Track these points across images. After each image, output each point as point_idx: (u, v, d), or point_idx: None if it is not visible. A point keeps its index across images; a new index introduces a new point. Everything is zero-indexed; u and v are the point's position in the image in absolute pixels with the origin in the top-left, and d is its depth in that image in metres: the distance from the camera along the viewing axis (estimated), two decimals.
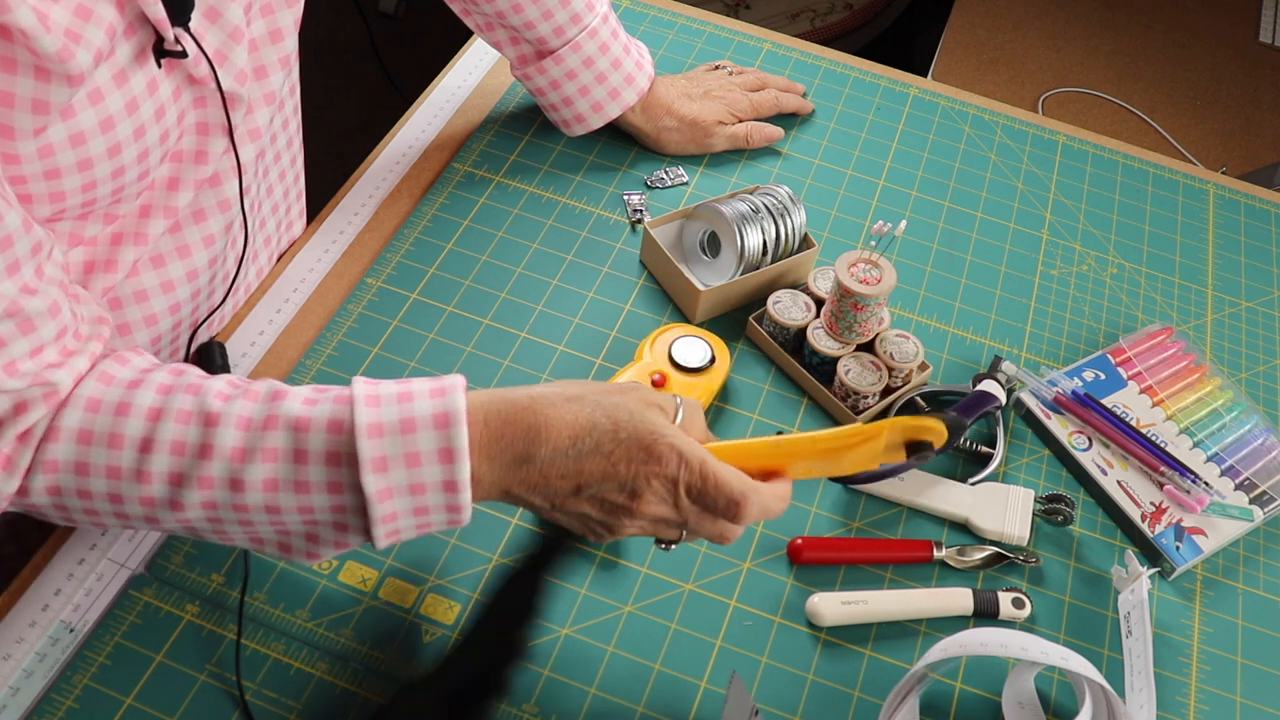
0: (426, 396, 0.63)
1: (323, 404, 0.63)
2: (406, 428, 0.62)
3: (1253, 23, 2.16)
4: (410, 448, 0.62)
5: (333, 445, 0.62)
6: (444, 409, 0.62)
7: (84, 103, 0.60)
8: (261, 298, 0.92)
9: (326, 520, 0.64)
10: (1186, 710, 0.78)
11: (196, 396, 0.64)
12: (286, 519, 0.64)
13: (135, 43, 0.62)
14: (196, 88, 0.69)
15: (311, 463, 0.62)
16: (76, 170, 0.62)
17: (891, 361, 0.89)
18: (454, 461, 0.62)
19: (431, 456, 0.62)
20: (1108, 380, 0.94)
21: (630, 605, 0.78)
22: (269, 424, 0.63)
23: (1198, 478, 0.86)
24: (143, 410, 0.63)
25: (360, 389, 0.63)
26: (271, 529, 0.65)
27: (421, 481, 0.62)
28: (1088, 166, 1.15)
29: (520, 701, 0.73)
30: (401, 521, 0.63)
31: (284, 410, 0.63)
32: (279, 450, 0.62)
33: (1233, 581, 0.85)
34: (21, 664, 0.71)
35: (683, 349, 0.88)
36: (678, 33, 1.22)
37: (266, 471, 0.62)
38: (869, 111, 1.16)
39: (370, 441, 0.61)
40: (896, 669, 0.77)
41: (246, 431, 0.63)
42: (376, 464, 0.61)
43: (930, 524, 0.85)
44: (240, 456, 0.62)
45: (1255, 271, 1.08)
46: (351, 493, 0.62)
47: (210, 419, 0.63)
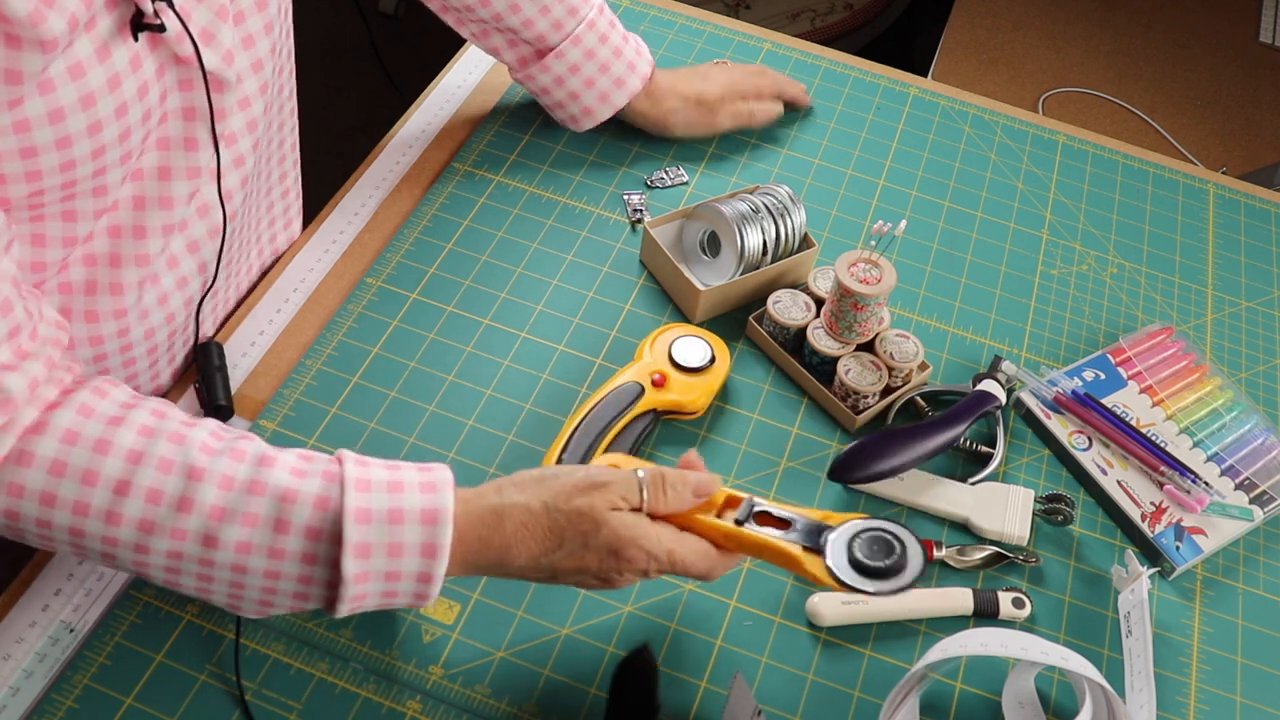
0: (416, 490, 0.65)
1: (311, 478, 0.65)
2: (394, 518, 0.64)
3: (1253, 23, 2.16)
4: (395, 538, 0.64)
5: (316, 521, 0.64)
6: (433, 505, 0.65)
7: (64, 77, 0.58)
8: (262, 298, 0.92)
9: (289, 589, 0.66)
10: (1186, 710, 0.78)
11: (180, 446, 0.64)
12: (249, 580, 0.65)
13: (117, 15, 0.61)
14: (182, 68, 0.68)
15: (291, 534, 0.64)
16: (54, 148, 0.60)
17: (891, 361, 0.89)
18: (435, 557, 0.65)
19: (414, 549, 0.64)
20: (1108, 380, 0.94)
21: (630, 605, 0.78)
22: (254, 488, 0.64)
23: (1198, 477, 0.86)
24: (123, 451, 0.63)
25: (351, 471, 0.65)
26: (228, 585, 0.65)
27: (399, 570, 0.65)
28: (1088, 166, 1.15)
29: (520, 701, 0.73)
30: (369, 601, 0.66)
31: (271, 478, 0.64)
32: (260, 516, 0.64)
33: (1233, 581, 0.85)
34: (21, 664, 0.71)
35: (683, 349, 0.88)
36: (678, 33, 1.22)
37: (243, 535, 0.63)
38: (869, 111, 1.16)
39: (357, 527, 0.63)
40: (896, 669, 0.77)
41: (229, 491, 0.64)
42: (359, 549, 0.63)
43: (930, 524, 0.85)
44: (219, 515, 0.63)
45: (1255, 271, 1.08)
46: (324, 567, 0.65)
47: (194, 473, 0.63)
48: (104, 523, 0.63)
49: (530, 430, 0.86)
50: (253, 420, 0.84)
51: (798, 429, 0.89)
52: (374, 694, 0.72)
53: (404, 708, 0.72)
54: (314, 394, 0.86)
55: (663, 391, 0.86)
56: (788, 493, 0.85)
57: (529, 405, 0.88)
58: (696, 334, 0.89)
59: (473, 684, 0.74)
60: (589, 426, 0.83)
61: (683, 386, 0.86)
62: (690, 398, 0.86)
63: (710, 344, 0.89)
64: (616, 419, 0.84)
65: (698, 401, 0.86)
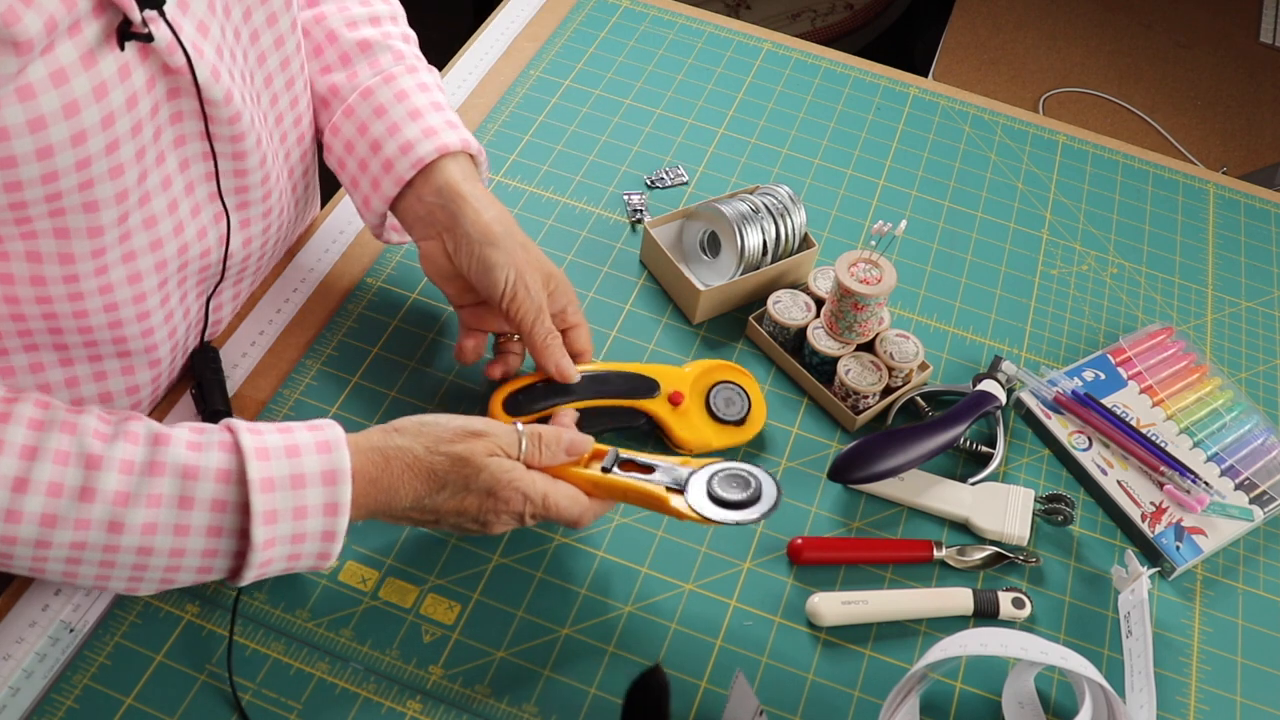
0: (313, 451, 0.67)
1: (209, 450, 0.66)
2: (297, 483, 0.66)
3: (1253, 23, 2.16)
4: (299, 501, 0.66)
5: (220, 494, 0.65)
6: (331, 466, 0.67)
7: (45, 83, 0.57)
8: (262, 298, 0.92)
9: (193, 564, 0.67)
10: (1186, 710, 0.78)
11: (73, 436, 0.63)
12: (154, 560, 0.65)
13: (105, 22, 0.59)
14: (171, 78, 0.66)
15: (196, 509, 0.65)
16: (35, 159, 0.59)
17: (891, 361, 0.89)
18: (337, 515, 0.67)
19: (318, 510, 0.67)
20: (1108, 380, 0.94)
21: (630, 605, 0.78)
22: (154, 469, 0.64)
23: (1198, 478, 0.86)
24: (15, 448, 0.62)
25: (248, 441, 0.66)
26: (130, 569, 0.65)
27: (304, 532, 0.67)
28: (1088, 166, 1.15)
29: (520, 701, 0.73)
30: (274, 566, 0.68)
31: (170, 456, 0.65)
32: (164, 496, 0.64)
33: (1233, 581, 0.85)
34: (21, 664, 0.71)
35: (725, 395, 0.87)
36: (678, 33, 1.22)
37: (149, 516, 0.64)
38: (869, 111, 1.16)
39: (263, 495, 0.65)
40: (896, 669, 0.77)
41: (129, 475, 0.64)
42: (267, 517, 0.65)
43: (930, 524, 0.85)
44: (123, 500, 0.63)
45: (1255, 271, 1.08)
46: (230, 538, 0.66)
47: (91, 461, 0.63)
48: (3, 521, 0.62)
49: None
50: (253, 421, 0.84)
51: (798, 429, 0.89)
52: (374, 694, 0.72)
53: (404, 708, 0.72)
54: (314, 394, 0.86)
55: (670, 410, 0.84)
56: (788, 493, 0.85)
57: None
58: (750, 390, 0.87)
59: (473, 684, 0.74)
60: (594, 380, 0.83)
61: (691, 422, 0.85)
62: (687, 435, 0.84)
63: (753, 409, 0.86)
64: (616, 395, 0.83)
65: (690, 443, 0.84)
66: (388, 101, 0.83)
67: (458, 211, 0.80)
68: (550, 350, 0.81)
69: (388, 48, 0.85)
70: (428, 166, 0.81)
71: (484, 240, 0.79)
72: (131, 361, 0.78)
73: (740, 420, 0.86)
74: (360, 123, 0.83)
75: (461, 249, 0.80)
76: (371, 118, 0.83)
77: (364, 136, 0.83)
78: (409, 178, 0.81)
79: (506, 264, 0.79)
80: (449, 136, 0.82)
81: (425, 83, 0.85)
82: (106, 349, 0.75)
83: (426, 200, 0.81)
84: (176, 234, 0.74)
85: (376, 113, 0.83)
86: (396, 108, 0.82)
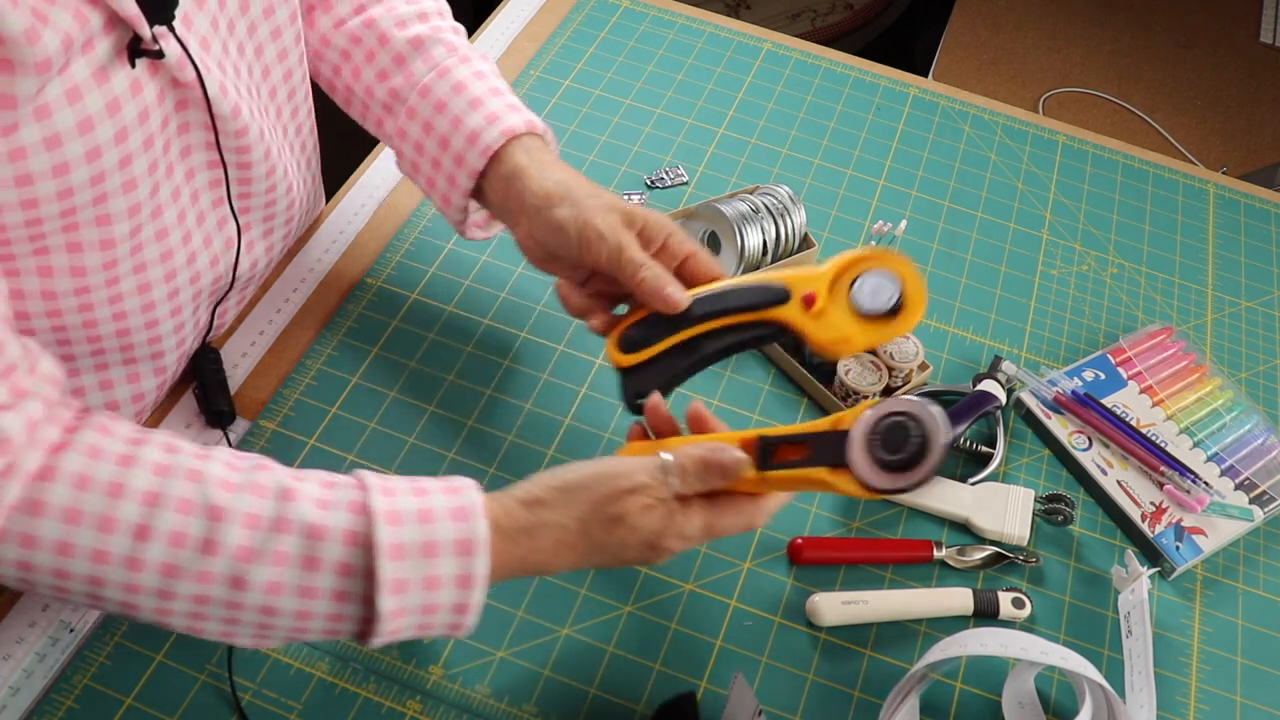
0: (448, 519, 0.63)
1: (336, 510, 0.62)
2: (428, 551, 0.62)
3: (1253, 23, 2.16)
4: (431, 571, 0.62)
5: (348, 557, 0.61)
6: (466, 535, 0.62)
7: (61, 101, 0.57)
8: (262, 297, 0.93)
9: (319, 627, 0.63)
10: (1186, 710, 0.78)
11: (198, 485, 0.61)
12: (279, 620, 0.62)
13: (115, 39, 0.60)
14: (179, 91, 0.67)
15: (323, 571, 0.61)
16: (51, 176, 0.59)
17: (891, 361, 0.89)
18: (471, 588, 0.62)
19: (450, 580, 0.62)
20: (1108, 380, 0.94)
21: (630, 605, 0.78)
22: (280, 526, 0.61)
23: (1198, 478, 0.86)
24: (138, 494, 0.60)
25: (379, 503, 0.62)
26: (255, 626, 0.62)
27: (435, 604, 0.62)
28: (1088, 166, 1.15)
29: (520, 701, 0.73)
30: (403, 634, 0.63)
31: (297, 513, 0.61)
32: (289, 555, 0.61)
33: (1233, 581, 0.85)
34: (21, 664, 0.71)
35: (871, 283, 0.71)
36: (678, 33, 1.22)
37: (273, 575, 0.61)
38: (869, 111, 1.16)
39: (391, 564, 0.61)
40: (896, 669, 0.77)
41: (254, 530, 0.61)
42: (396, 586, 0.61)
43: (930, 524, 0.85)
44: (247, 556, 0.60)
45: (1255, 271, 1.08)
46: (357, 604, 0.62)
47: (215, 513, 0.60)
48: (125, 569, 0.59)
49: (530, 430, 0.86)
50: (253, 420, 0.84)
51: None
52: (374, 694, 0.72)
53: (404, 708, 0.72)
54: (314, 394, 0.86)
55: (805, 314, 0.72)
56: None
57: (529, 405, 0.88)
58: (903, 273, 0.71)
59: (473, 684, 0.74)
60: (711, 301, 0.73)
61: (833, 323, 0.71)
62: (827, 337, 0.71)
63: (906, 295, 0.70)
64: (739, 311, 0.73)
65: (832, 345, 0.72)
66: (446, 95, 0.81)
67: (522, 189, 0.77)
68: (645, 283, 0.73)
69: (439, 41, 0.83)
70: (497, 154, 0.78)
71: (547, 206, 0.75)
72: (138, 369, 0.78)
73: (892, 310, 0.70)
74: (424, 122, 0.81)
75: (535, 224, 0.76)
76: (434, 115, 0.81)
77: (430, 135, 0.81)
78: (481, 167, 0.79)
79: (571, 216, 0.74)
80: (512, 120, 0.79)
81: (481, 70, 0.83)
82: (114, 358, 0.75)
83: (499, 189, 0.79)
84: (185, 243, 0.74)
85: (438, 109, 0.81)
86: (456, 100, 0.80)
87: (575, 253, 0.75)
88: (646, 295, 0.73)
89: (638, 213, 0.75)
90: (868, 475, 0.63)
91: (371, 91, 0.84)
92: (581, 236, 0.74)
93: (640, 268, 0.73)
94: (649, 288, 0.73)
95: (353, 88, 0.86)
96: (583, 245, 0.74)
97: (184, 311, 0.79)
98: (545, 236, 0.76)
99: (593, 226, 0.73)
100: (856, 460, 0.64)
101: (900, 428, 0.63)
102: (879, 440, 0.64)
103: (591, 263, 0.74)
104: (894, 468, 0.63)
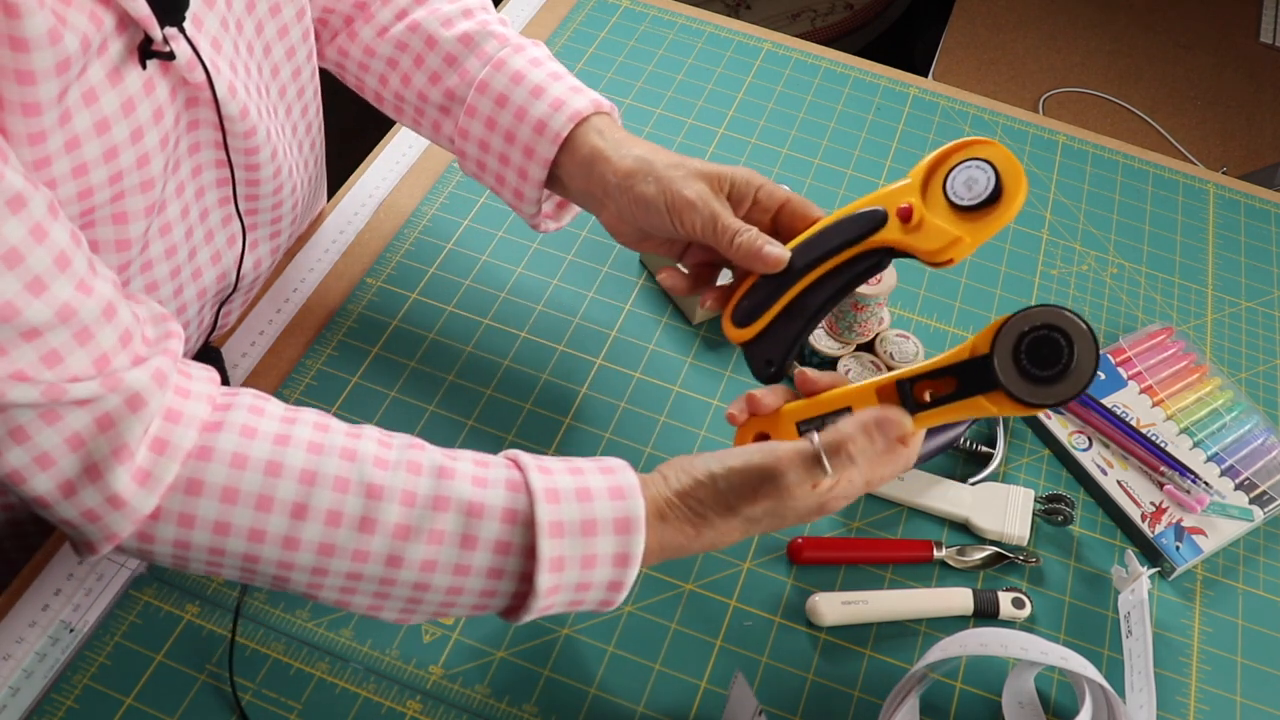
0: (606, 497, 0.63)
1: (494, 488, 0.63)
2: (588, 529, 0.62)
3: (1253, 23, 2.16)
4: (589, 550, 0.62)
5: (505, 535, 0.62)
6: (625, 513, 0.62)
7: (79, 104, 0.58)
8: (262, 297, 0.93)
9: (469, 602, 0.64)
10: (1186, 710, 0.78)
11: (353, 463, 0.62)
12: (429, 595, 0.63)
13: (126, 40, 0.60)
14: (187, 89, 0.67)
15: (479, 549, 0.62)
16: (71, 177, 0.59)
17: (891, 361, 0.89)
18: (628, 566, 0.63)
19: (607, 559, 0.62)
20: (1108, 380, 0.94)
21: (630, 605, 0.78)
22: (439, 504, 0.62)
23: (1198, 478, 0.86)
24: (295, 472, 0.61)
25: (537, 481, 0.63)
26: (404, 601, 0.63)
27: (590, 581, 0.63)
28: (1088, 166, 1.15)
29: (520, 701, 0.73)
30: (554, 609, 0.64)
31: (455, 491, 0.62)
32: (446, 533, 0.61)
33: (1233, 581, 0.85)
34: (21, 664, 0.71)
35: (964, 177, 0.68)
36: (678, 33, 1.22)
37: (429, 553, 0.61)
38: (869, 111, 1.16)
39: (551, 541, 0.61)
40: (896, 669, 0.77)
41: (411, 508, 0.61)
42: (554, 563, 0.61)
43: (930, 524, 0.85)
44: (404, 534, 0.61)
45: (1255, 271, 1.08)
46: (511, 580, 0.63)
47: (373, 491, 0.61)
48: (281, 548, 0.61)
49: (530, 430, 0.86)
50: None
51: None
52: (374, 694, 0.72)
53: (404, 708, 0.72)
54: (314, 394, 0.86)
55: (907, 228, 0.69)
56: None
57: (529, 405, 0.88)
58: (995, 156, 0.67)
59: (473, 684, 0.74)
60: (810, 247, 0.71)
61: (937, 229, 0.68)
62: (935, 245, 0.68)
63: (1003, 177, 0.67)
64: (841, 249, 0.71)
65: (945, 254, 0.68)
66: (506, 88, 0.78)
67: (603, 171, 0.75)
68: (743, 247, 0.71)
69: (489, 35, 0.81)
70: (569, 140, 0.76)
71: (628, 184, 0.73)
72: None
73: (993, 197, 0.67)
74: (486, 118, 0.79)
75: (621, 205, 0.74)
76: (495, 109, 0.78)
77: (495, 131, 0.78)
78: (553, 156, 0.76)
79: (657, 191, 0.72)
80: (578, 102, 0.77)
81: (536, 57, 0.81)
82: None
83: (579, 176, 0.76)
84: (187, 239, 0.74)
85: (499, 103, 0.78)
86: (517, 91, 0.78)
87: (668, 227, 0.73)
88: (746, 259, 0.71)
89: (724, 173, 0.73)
90: (1025, 394, 0.63)
91: (425, 96, 0.82)
92: (671, 209, 0.72)
93: (735, 234, 0.71)
94: (746, 251, 0.71)
95: (403, 95, 0.83)
96: (674, 218, 0.72)
97: (188, 310, 0.79)
98: (635, 215, 0.74)
99: (682, 198, 0.72)
100: (1010, 381, 0.63)
101: (1048, 341, 0.63)
102: (1027, 357, 0.63)
103: (686, 234, 0.73)
104: (1047, 381, 0.62)
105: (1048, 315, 0.63)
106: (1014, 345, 0.63)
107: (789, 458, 0.64)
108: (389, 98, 0.85)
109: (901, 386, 0.66)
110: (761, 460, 0.64)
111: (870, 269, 0.71)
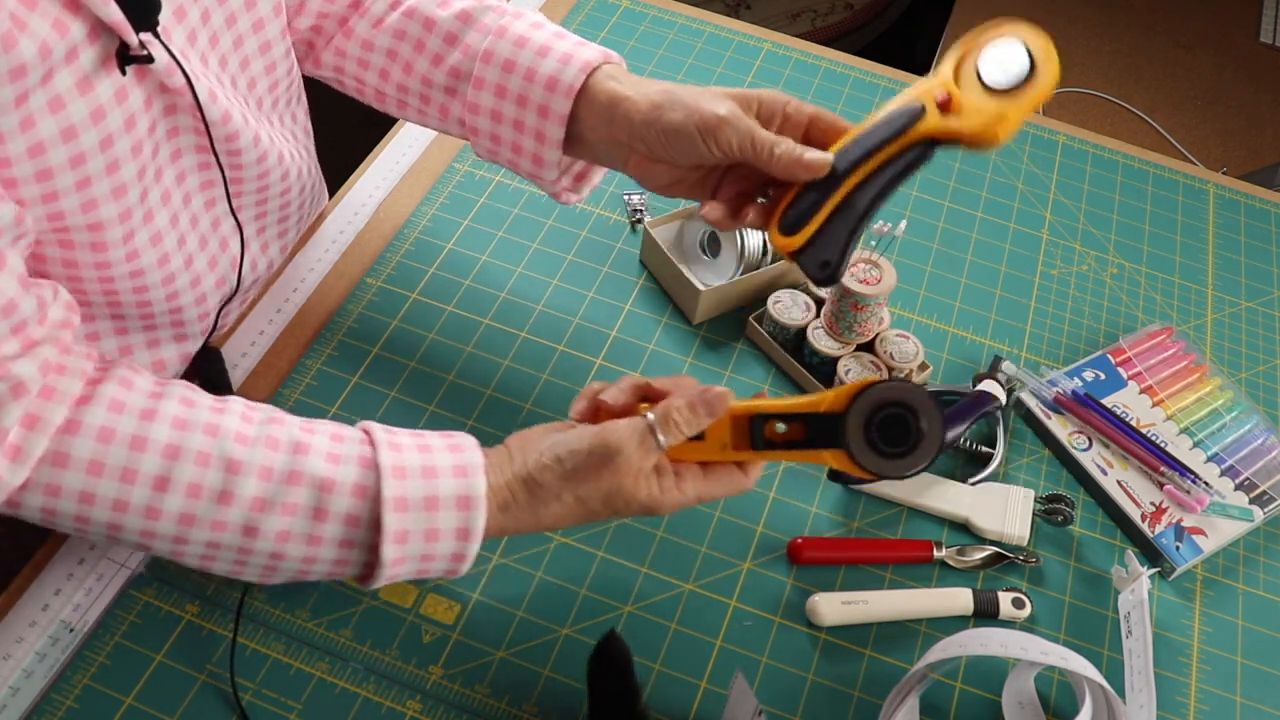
0: (450, 475, 0.67)
1: (347, 464, 0.66)
2: (430, 505, 0.66)
3: (1253, 23, 2.16)
4: (431, 524, 0.66)
5: (355, 509, 0.66)
6: (466, 491, 0.66)
7: (44, 111, 0.58)
8: (262, 297, 0.92)
9: (323, 570, 0.68)
10: (1186, 710, 0.78)
11: (215, 439, 0.65)
12: (285, 564, 0.67)
13: (100, 48, 0.60)
14: (167, 96, 0.67)
15: (330, 521, 0.66)
16: (34, 180, 0.59)
17: (891, 361, 0.89)
18: (469, 540, 0.67)
19: (449, 534, 0.67)
20: (1108, 380, 0.94)
21: (630, 605, 0.78)
22: (292, 479, 0.65)
23: (1198, 478, 0.86)
24: (159, 446, 0.64)
25: (386, 458, 0.66)
26: (262, 568, 0.67)
27: (434, 552, 0.67)
28: (1088, 166, 1.15)
29: (520, 701, 0.73)
30: (401, 578, 0.68)
31: (308, 467, 0.65)
32: (299, 506, 0.65)
33: (1233, 581, 0.85)
34: (21, 664, 0.71)
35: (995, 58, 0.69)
36: (678, 33, 1.22)
37: (283, 524, 0.65)
38: (869, 111, 1.16)
39: (395, 515, 0.65)
40: (896, 669, 0.77)
41: (267, 482, 0.65)
42: (398, 536, 0.65)
43: (930, 524, 0.85)
44: (259, 506, 0.64)
45: (1255, 271, 1.08)
46: (361, 550, 0.67)
47: (232, 465, 0.64)
48: (143, 518, 0.64)
49: None
50: None
51: None
52: (374, 694, 0.72)
53: (404, 708, 0.72)
54: (314, 394, 0.86)
55: (948, 116, 0.70)
56: (788, 493, 0.85)
57: (529, 405, 0.88)
58: (1022, 37, 0.69)
59: (473, 684, 0.74)
60: (851, 150, 0.71)
61: (977, 110, 0.69)
62: (981, 124, 0.69)
63: (1033, 52, 0.68)
64: (882, 146, 0.71)
65: (990, 131, 0.69)
66: (511, 53, 0.77)
67: (625, 113, 0.73)
68: (785, 157, 0.70)
69: (487, 8, 0.80)
70: (583, 91, 0.75)
71: (655, 116, 0.72)
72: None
73: (1026, 76, 0.68)
74: (495, 85, 0.77)
75: (650, 140, 0.73)
76: (503, 76, 0.77)
77: (505, 98, 0.77)
78: (568, 111, 0.75)
79: (685, 116, 0.71)
80: (586, 54, 0.76)
81: (537, 21, 0.79)
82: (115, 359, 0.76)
83: (600, 125, 0.75)
84: (180, 246, 0.74)
85: (506, 69, 0.77)
86: (523, 54, 0.76)
87: (701, 152, 0.72)
88: (787, 168, 0.71)
89: (750, 94, 0.73)
90: (867, 462, 0.67)
91: (429, 80, 0.81)
92: (704, 131, 0.71)
93: (774, 144, 0.71)
94: (788, 159, 0.70)
95: (406, 84, 0.82)
96: (707, 140, 0.71)
97: (185, 313, 0.79)
98: (665, 148, 0.73)
99: (715, 115, 0.71)
100: (856, 447, 0.67)
101: (900, 420, 0.66)
102: (876, 431, 0.67)
103: (722, 154, 0.71)
104: (891, 455, 0.66)
105: (906, 394, 0.66)
106: (867, 414, 0.67)
107: (627, 433, 0.67)
108: (391, 92, 0.84)
109: (754, 421, 0.69)
110: (604, 439, 0.67)
111: (914, 162, 0.71)
